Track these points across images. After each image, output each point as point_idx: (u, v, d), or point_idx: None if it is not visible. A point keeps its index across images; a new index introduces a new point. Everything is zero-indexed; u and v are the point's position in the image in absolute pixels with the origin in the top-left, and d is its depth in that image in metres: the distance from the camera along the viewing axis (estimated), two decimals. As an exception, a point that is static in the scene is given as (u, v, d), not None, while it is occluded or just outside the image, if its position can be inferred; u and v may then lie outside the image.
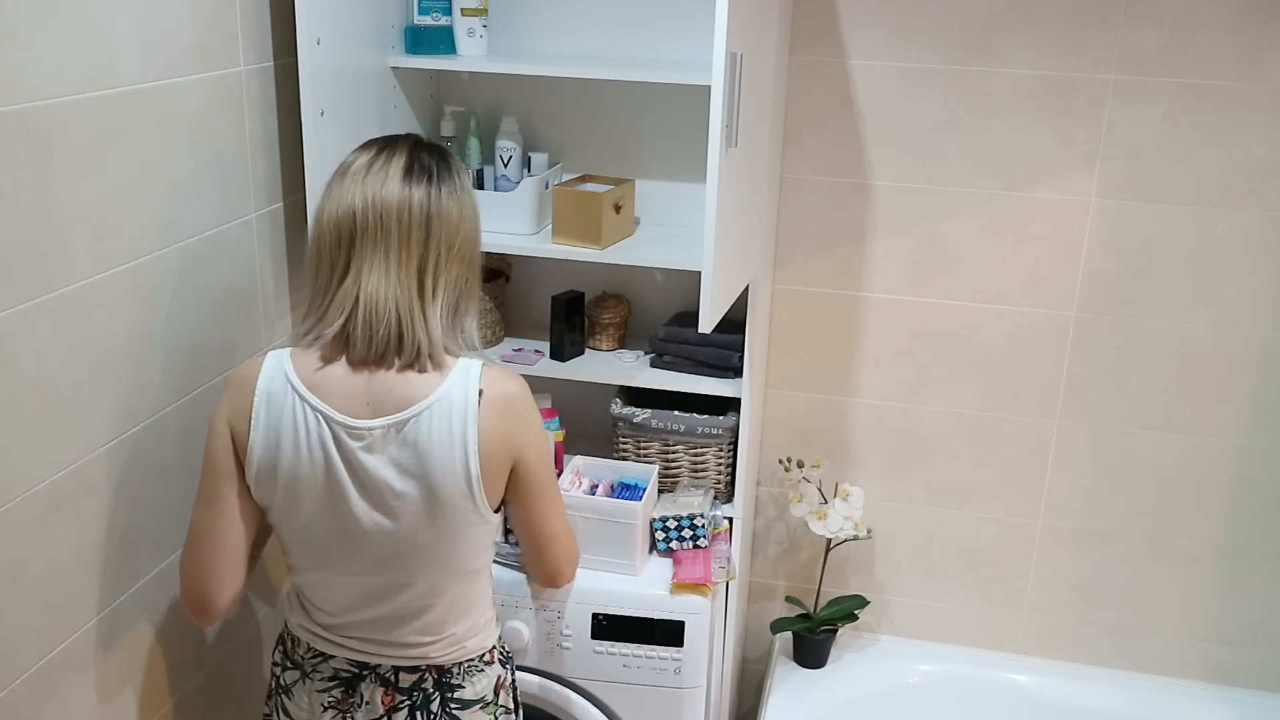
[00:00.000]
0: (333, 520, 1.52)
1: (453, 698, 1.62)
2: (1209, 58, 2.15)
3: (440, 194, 1.50)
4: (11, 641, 1.44)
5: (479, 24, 2.17)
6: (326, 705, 1.62)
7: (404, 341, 1.48)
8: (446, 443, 1.48)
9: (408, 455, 1.48)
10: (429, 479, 1.49)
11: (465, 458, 1.49)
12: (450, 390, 1.49)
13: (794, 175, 2.37)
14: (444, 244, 1.50)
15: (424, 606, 1.58)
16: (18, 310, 1.38)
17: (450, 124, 2.28)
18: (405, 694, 1.60)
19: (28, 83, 1.36)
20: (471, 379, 1.50)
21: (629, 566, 2.11)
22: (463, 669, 1.63)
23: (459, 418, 1.48)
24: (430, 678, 1.61)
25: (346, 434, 1.48)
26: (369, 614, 1.58)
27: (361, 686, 1.61)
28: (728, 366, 2.20)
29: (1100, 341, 2.35)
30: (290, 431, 1.49)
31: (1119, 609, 2.51)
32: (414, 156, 1.52)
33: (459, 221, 1.52)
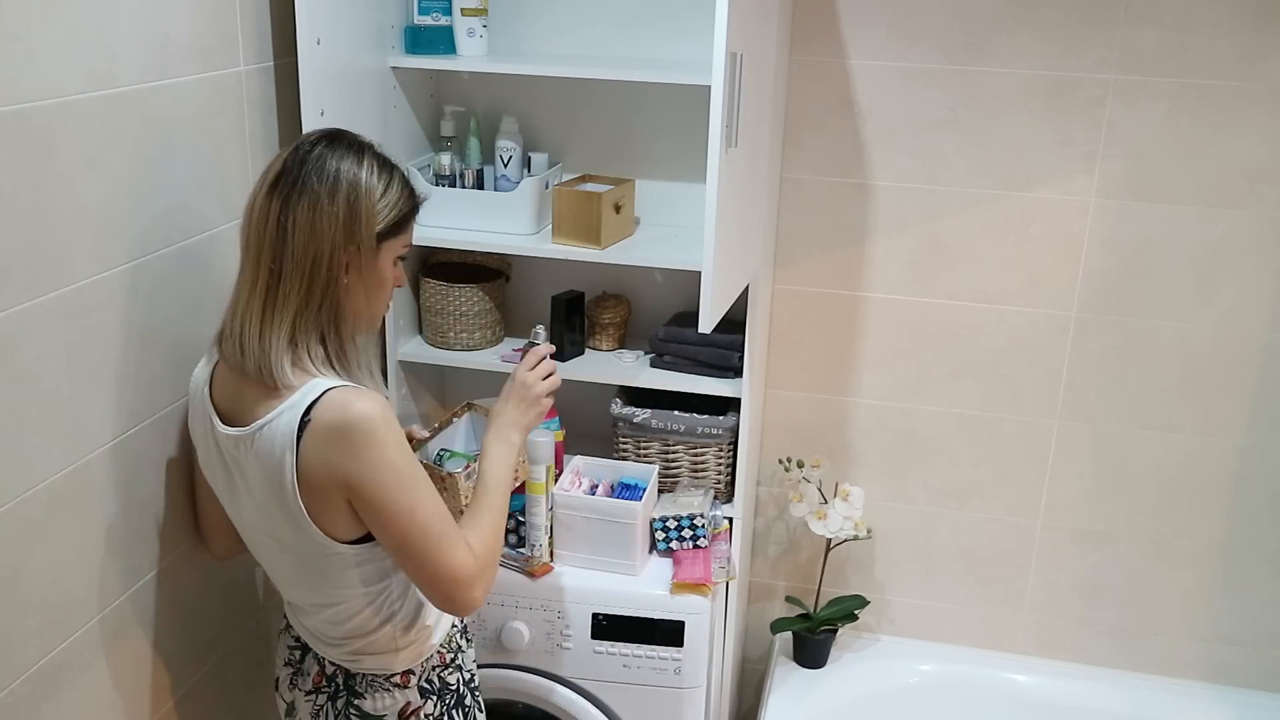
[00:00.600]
0: (232, 510, 1.61)
1: (354, 704, 1.64)
2: (1209, 58, 2.15)
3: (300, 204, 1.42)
4: (11, 641, 1.44)
5: (479, 24, 2.17)
6: (286, 660, 1.73)
7: (244, 359, 1.46)
8: (276, 466, 1.44)
9: (255, 469, 1.48)
10: (267, 496, 1.49)
11: (283, 484, 1.44)
12: (281, 414, 1.43)
13: (794, 175, 2.37)
14: (296, 258, 1.42)
15: (315, 610, 1.61)
16: (18, 310, 1.38)
17: (450, 124, 2.28)
18: (327, 681, 1.66)
19: (28, 83, 1.36)
20: (304, 402, 1.42)
21: (629, 566, 2.11)
22: (366, 680, 1.63)
23: (280, 443, 1.43)
24: (340, 677, 1.65)
25: (218, 437, 1.53)
26: (288, 597, 1.67)
27: (307, 658, 1.68)
28: (728, 366, 2.20)
29: (1100, 341, 2.35)
30: (197, 423, 1.59)
31: (1119, 609, 2.51)
32: (287, 163, 1.44)
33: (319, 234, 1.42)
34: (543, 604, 2.08)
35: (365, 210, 1.46)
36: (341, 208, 1.43)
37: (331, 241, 1.43)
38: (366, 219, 1.46)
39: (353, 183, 1.45)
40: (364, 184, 1.46)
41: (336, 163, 1.45)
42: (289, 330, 1.45)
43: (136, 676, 1.71)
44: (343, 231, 1.44)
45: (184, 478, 1.77)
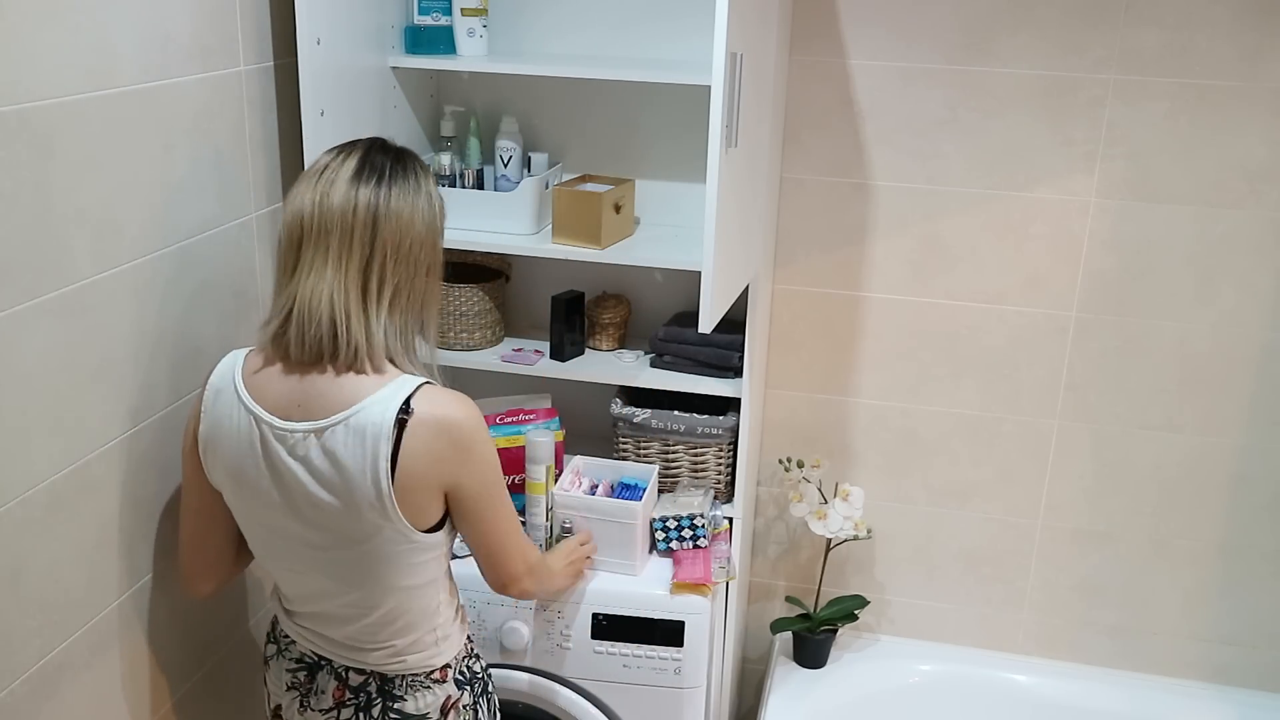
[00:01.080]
0: (265, 517, 1.54)
1: (393, 708, 1.61)
2: (1209, 58, 2.15)
3: (390, 194, 1.46)
4: (11, 641, 1.44)
5: (479, 24, 2.17)
6: (290, 685, 1.66)
7: (338, 342, 1.44)
8: (359, 456, 1.44)
9: (324, 463, 1.45)
10: (343, 490, 1.46)
11: (376, 475, 1.44)
12: (374, 404, 1.44)
13: (794, 175, 2.37)
14: (390, 245, 1.46)
15: (357, 615, 1.57)
16: (18, 310, 1.38)
17: (450, 124, 2.28)
18: (353, 693, 1.62)
19: (28, 83, 1.36)
20: (398, 397, 1.44)
21: (629, 566, 2.11)
22: (406, 681, 1.61)
23: (372, 434, 1.43)
24: (374, 683, 1.61)
25: (273, 434, 1.48)
26: (315, 609, 1.60)
27: (319, 675, 1.64)
28: (728, 366, 2.20)
29: (1100, 341, 2.35)
30: (229, 428, 1.51)
31: (1119, 609, 2.51)
32: (367, 158, 1.48)
33: (409, 223, 1.47)
34: (543, 604, 2.08)
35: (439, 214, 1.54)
36: (424, 205, 1.50)
37: (425, 234, 1.49)
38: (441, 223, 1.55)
39: (430, 189, 1.52)
40: (437, 194, 1.54)
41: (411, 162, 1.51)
42: (388, 317, 1.47)
43: (136, 676, 1.71)
44: (429, 229, 1.50)
45: (184, 478, 1.77)
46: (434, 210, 1.52)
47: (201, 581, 1.67)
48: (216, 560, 1.65)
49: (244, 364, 1.53)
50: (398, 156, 1.51)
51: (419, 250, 1.49)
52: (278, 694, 1.69)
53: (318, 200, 1.45)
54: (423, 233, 1.49)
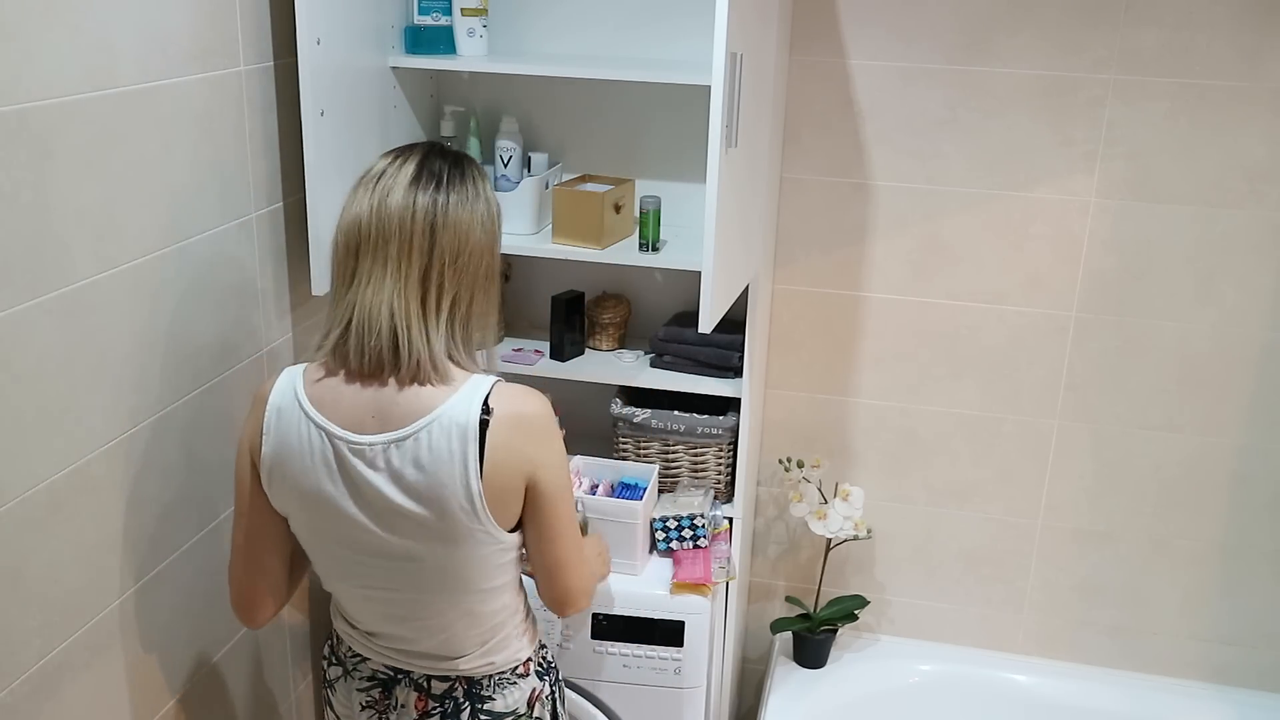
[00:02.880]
0: (342, 536, 1.50)
1: (483, 709, 1.60)
2: (1209, 58, 2.15)
3: (448, 201, 1.44)
4: (11, 641, 1.44)
5: (479, 24, 2.17)
6: (364, 704, 1.64)
7: (399, 354, 1.43)
8: (447, 460, 1.43)
9: (410, 471, 1.44)
10: (431, 496, 1.44)
11: (466, 476, 1.43)
12: (454, 406, 1.43)
13: (794, 175, 2.37)
14: (449, 253, 1.44)
15: (443, 623, 1.55)
16: (18, 310, 1.38)
17: (450, 124, 2.28)
18: (438, 701, 1.60)
19: (28, 83, 1.36)
20: (477, 396, 1.44)
21: (630, 566, 2.12)
22: (493, 681, 1.61)
23: (459, 435, 1.42)
24: (460, 688, 1.60)
25: (349, 450, 1.45)
26: (391, 626, 1.58)
27: (397, 690, 1.62)
28: (728, 366, 2.20)
29: (1100, 341, 2.35)
30: (297, 447, 1.47)
31: (1119, 609, 2.51)
32: (425, 163, 1.46)
33: (468, 230, 1.45)
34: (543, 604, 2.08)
35: (498, 224, 1.52)
36: (483, 210, 1.48)
37: (483, 239, 1.48)
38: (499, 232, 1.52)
39: (488, 194, 1.51)
40: (494, 198, 1.52)
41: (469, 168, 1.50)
42: (448, 324, 1.46)
43: (136, 676, 1.71)
44: (488, 239, 1.49)
45: (184, 478, 1.77)
46: (492, 216, 1.50)
47: (260, 609, 1.61)
48: (275, 585, 1.61)
49: (303, 379, 1.49)
50: (455, 161, 1.49)
51: (478, 256, 1.47)
52: (350, 716, 1.66)
53: (375, 206, 1.43)
54: (481, 239, 1.47)
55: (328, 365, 1.48)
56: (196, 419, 1.78)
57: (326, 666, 1.70)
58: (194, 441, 1.78)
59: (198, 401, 1.78)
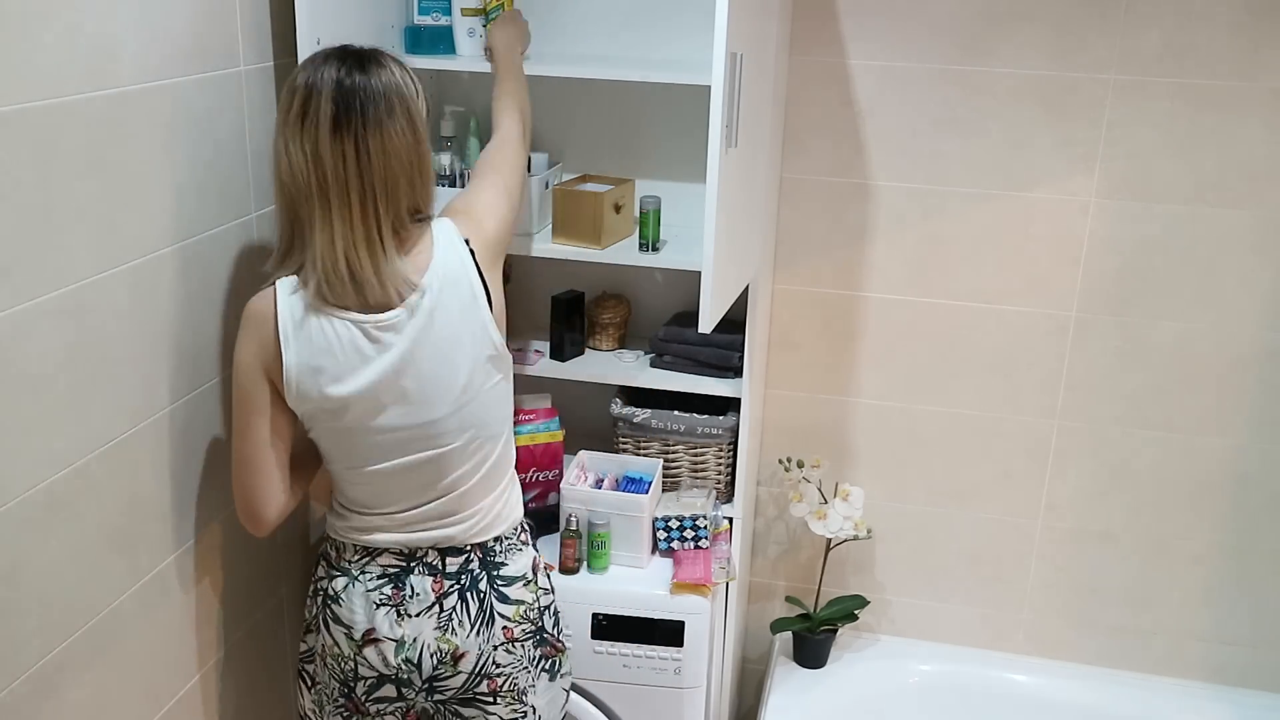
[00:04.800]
0: (373, 414, 1.62)
1: (498, 575, 1.73)
2: (1209, 58, 2.15)
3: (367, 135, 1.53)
4: (11, 641, 1.44)
5: (479, 24, 2.17)
6: (379, 602, 1.70)
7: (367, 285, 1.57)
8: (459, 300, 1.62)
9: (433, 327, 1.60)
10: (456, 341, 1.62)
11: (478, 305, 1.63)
12: (443, 255, 1.62)
13: (794, 175, 2.37)
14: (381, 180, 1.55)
15: (462, 478, 1.68)
16: (18, 310, 1.38)
17: (450, 124, 2.28)
18: (453, 578, 1.70)
19: (28, 83, 1.36)
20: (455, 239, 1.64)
21: (636, 559, 2.13)
22: (504, 546, 1.74)
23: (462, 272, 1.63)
24: (475, 557, 1.70)
25: (375, 328, 1.58)
26: (411, 500, 1.69)
27: (410, 579, 1.69)
28: (728, 366, 2.20)
29: (1100, 341, 2.35)
30: (323, 345, 1.59)
31: (1119, 609, 2.51)
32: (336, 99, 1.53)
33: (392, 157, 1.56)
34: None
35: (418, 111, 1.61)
36: (402, 121, 1.57)
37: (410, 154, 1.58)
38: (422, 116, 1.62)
39: (400, 93, 1.57)
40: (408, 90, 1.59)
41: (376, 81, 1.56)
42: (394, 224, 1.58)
43: (137, 676, 1.71)
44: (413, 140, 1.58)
45: (184, 478, 1.77)
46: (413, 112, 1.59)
47: (267, 516, 1.69)
48: (283, 490, 1.69)
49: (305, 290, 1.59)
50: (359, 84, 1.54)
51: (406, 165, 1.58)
52: (366, 619, 1.70)
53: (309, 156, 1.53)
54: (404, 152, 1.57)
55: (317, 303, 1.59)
56: (196, 419, 1.78)
57: (327, 583, 1.74)
58: (194, 441, 1.78)
59: (198, 401, 1.78)
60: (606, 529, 2.10)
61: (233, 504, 1.72)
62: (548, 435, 2.19)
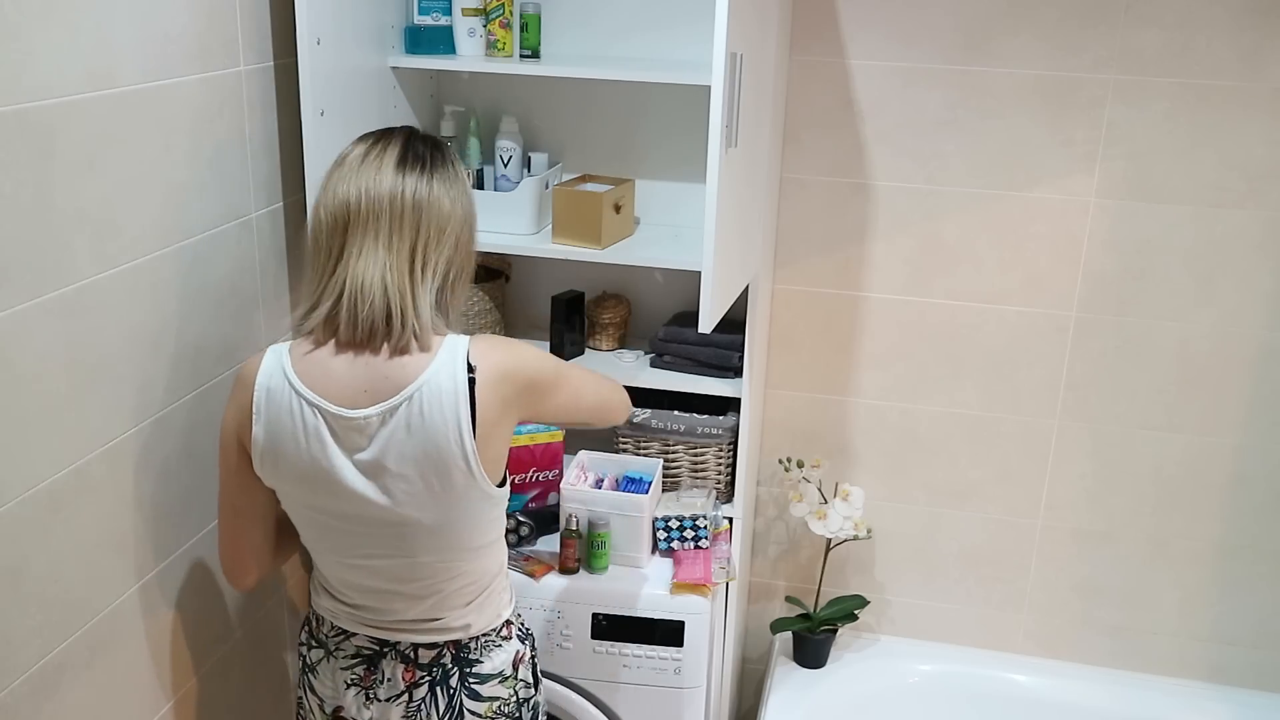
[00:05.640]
0: (336, 508, 1.53)
1: (471, 672, 1.64)
2: (1209, 58, 2.15)
3: (432, 182, 1.51)
4: (11, 641, 1.44)
5: (479, 24, 2.17)
6: (350, 682, 1.65)
7: (391, 320, 1.47)
8: (440, 424, 1.46)
9: (401, 437, 1.47)
10: (427, 461, 1.48)
11: (460, 436, 1.47)
12: (439, 370, 1.48)
13: (794, 175, 2.37)
14: (435, 229, 1.51)
15: (434, 587, 1.58)
16: (18, 310, 1.38)
17: (450, 124, 2.28)
18: (425, 670, 1.63)
19: (28, 83, 1.36)
20: (459, 357, 1.49)
21: (636, 559, 2.13)
22: (480, 644, 1.65)
23: (449, 398, 1.47)
24: (449, 653, 1.63)
25: (340, 425, 1.48)
26: (382, 596, 1.60)
27: (383, 664, 1.64)
28: (728, 366, 2.20)
29: (1100, 341, 2.35)
30: (289, 425, 1.50)
31: (1119, 609, 2.51)
32: (408, 147, 1.53)
33: (451, 209, 1.52)
34: (543, 604, 2.08)
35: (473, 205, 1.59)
36: (462, 192, 1.56)
37: (463, 218, 1.55)
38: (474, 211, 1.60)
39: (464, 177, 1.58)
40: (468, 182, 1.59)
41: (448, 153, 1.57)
42: (435, 294, 1.52)
43: (137, 676, 1.71)
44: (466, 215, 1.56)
45: (184, 478, 1.77)
46: (469, 200, 1.58)
47: (245, 575, 1.68)
48: (260, 554, 1.66)
49: (289, 357, 1.52)
50: (435, 145, 1.56)
51: (456, 233, 1.54)
52: (335, 696, 1.67)
53: (363, 188, 1.49)
54: (460, 218, 1.54)
55: (316, 338, 1.51)
56: (196, 419, 1.78)
57: (306, 651, 1.71)
58: (194, 441, 1.78)
59: (198, 401, 1.78)
60: (606, 529, 2.10)
61: None
62: (548, 435, 2.19)
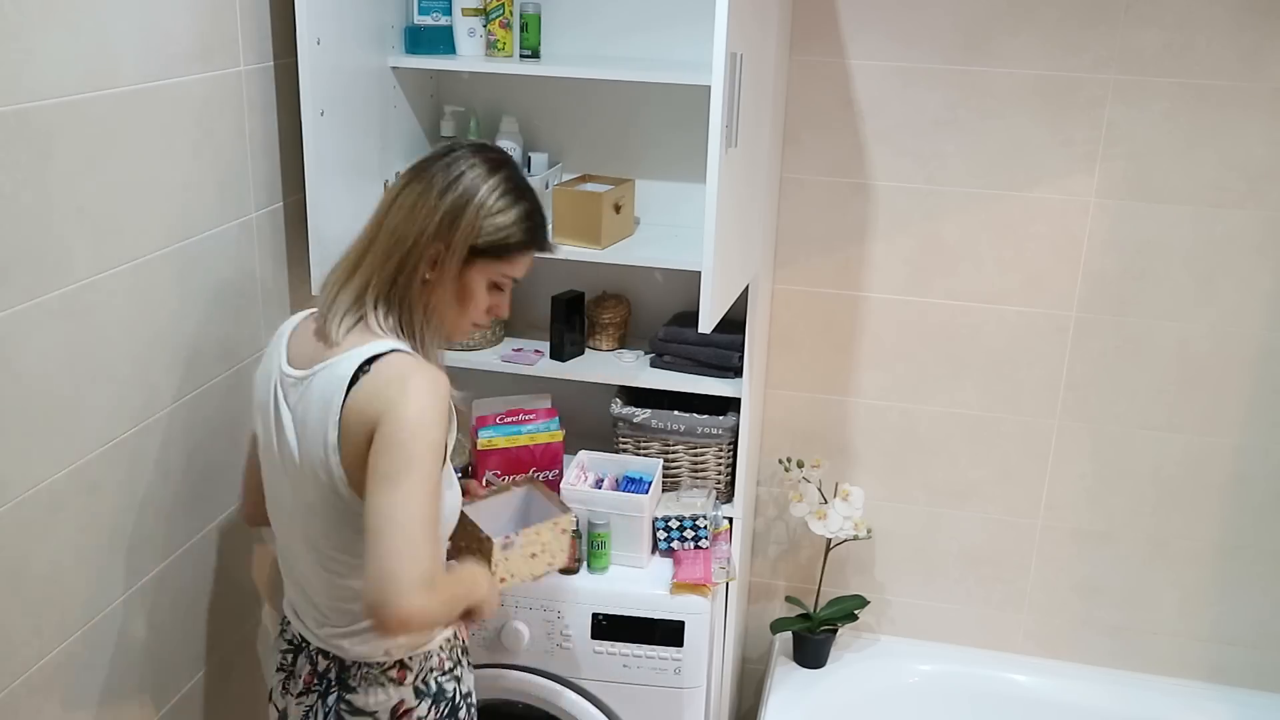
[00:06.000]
0: (268, 466, 1.59)
1: (346, 698, 1.57)
2: (1209, 58, 2.15)
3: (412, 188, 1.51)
4: (11, 641, 1.44)
5: (479, 24, 2.17)
6: (279, 665, 1.68)
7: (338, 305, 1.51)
8: (321, 409, 1.45)
9: (299, 410, 1.49)
10: (305, 438, 1.48)
11: (326, 423, 1.44)
12: (340, 361, 1.45)
13: (794, 175, 2.37)
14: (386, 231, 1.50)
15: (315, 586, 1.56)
16: (18, 310, 1.38)
17: (450, 124, 2.28)
18: (318, 679, 1.60)
19: (28, 83, 1.36)
20: (363, 354, 1.44)
21: (636, 559, 2.13)
22: (360, 672, 1.56)
23: (333, 386, 1.44)
24: (333, 668, 1.58)
25: (281, 381, 1.53)
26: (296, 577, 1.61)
27: (299, 658, 1.64)
28: (728, 366, 2.20)
29: (1100, 341, 2.35)
30: (265, 369, 1.58)
31: (1119, 609, 2.51)
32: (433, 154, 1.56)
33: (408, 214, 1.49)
34: (543, 604, 2.08)
35: (468, 219, 1.50)
36: (445, 206, 1.49)
37: (421, 230, 1.49)
38: (465, 228, 1.50)
39: (469, 190, 1.50)
40: (479, 196, 1.51)
41: (468, 169, 1.52)
42: (357, 291, 1.50)
43: (137, 676, 1.71)
44: (435, 227, 1.49)
45: (184, 477, 1.77)
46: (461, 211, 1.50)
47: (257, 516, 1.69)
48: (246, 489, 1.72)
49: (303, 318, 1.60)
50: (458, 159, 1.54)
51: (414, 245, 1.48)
52: (270, 676, 1.71)
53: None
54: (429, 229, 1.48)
55: None
56: (196, 419, 1.78)
57: None
58: (194, 441, 1.78)
59: (198, 401, 1.78)
60: (606, 529, 2.10)
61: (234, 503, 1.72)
62: (547, 435, 2.19)
